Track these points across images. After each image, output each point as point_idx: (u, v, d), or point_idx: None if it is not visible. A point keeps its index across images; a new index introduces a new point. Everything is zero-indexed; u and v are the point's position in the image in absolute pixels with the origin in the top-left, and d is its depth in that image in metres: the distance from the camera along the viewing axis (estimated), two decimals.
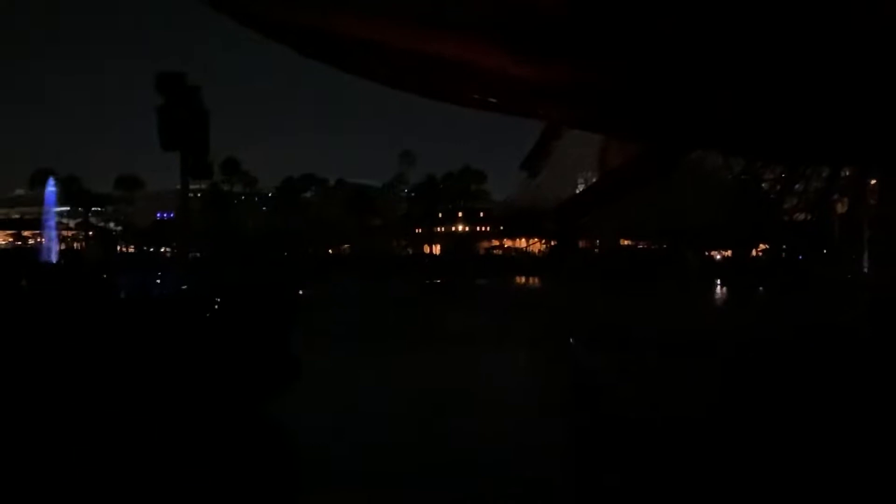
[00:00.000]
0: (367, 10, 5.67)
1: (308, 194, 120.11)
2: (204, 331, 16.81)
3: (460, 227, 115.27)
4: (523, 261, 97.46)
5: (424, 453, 13.93)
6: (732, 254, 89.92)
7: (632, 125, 7.53)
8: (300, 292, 20.55)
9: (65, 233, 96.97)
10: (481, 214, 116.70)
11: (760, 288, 60.48)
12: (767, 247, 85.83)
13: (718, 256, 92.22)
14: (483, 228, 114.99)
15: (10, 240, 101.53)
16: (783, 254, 75.17)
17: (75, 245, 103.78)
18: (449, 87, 7.59)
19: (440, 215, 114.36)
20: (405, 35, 5.87)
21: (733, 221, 77.35)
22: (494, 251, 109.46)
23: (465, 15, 5.42)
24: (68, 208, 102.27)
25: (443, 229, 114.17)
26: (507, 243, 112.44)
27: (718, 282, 69.63)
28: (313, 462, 13.93)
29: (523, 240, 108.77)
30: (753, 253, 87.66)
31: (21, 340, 14.92)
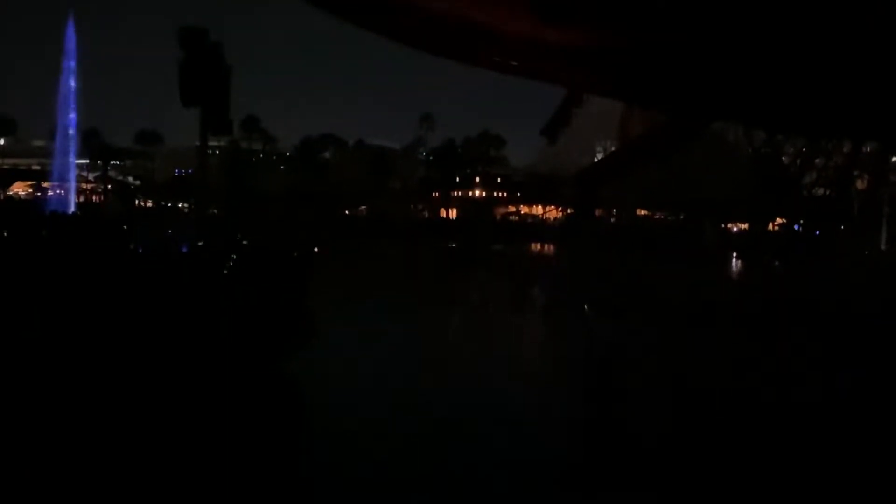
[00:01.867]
0: None
1: (327, 154, 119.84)
2: (220, 287, 16.92)
3: (478, 193, 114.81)
4: (540, 227, 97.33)
5: (425, 420, 14.03)
6: (749, 227, 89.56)
7: (654, 93, 7.52)
8: (315, 251, 20.57)
9: (84, 186, 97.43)
10: (499, 180, 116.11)
11: (776, 262, 60.40)
12: (785, 221, 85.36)
13: (735, 229, 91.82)
14: (500, 194, 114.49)
15: (30, 191, 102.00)
16: (800, 228, 74.66)
17: (94, 198, 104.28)
18: (472, 48, 7.59)
19: (458, 180, 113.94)
20: None
21: (752, 194, 77.05)
22: (511, 217, 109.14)
23: None
24: (88, 161, 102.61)
25: (460, 194, 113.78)
26: (525, 210, 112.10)
27: (734, 254, 69.43)
28: (323, 417, 14.11)
29: (540, 207, 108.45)
30: (770, 227, 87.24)
31: (43, 289, 15.09)
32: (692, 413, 15.14)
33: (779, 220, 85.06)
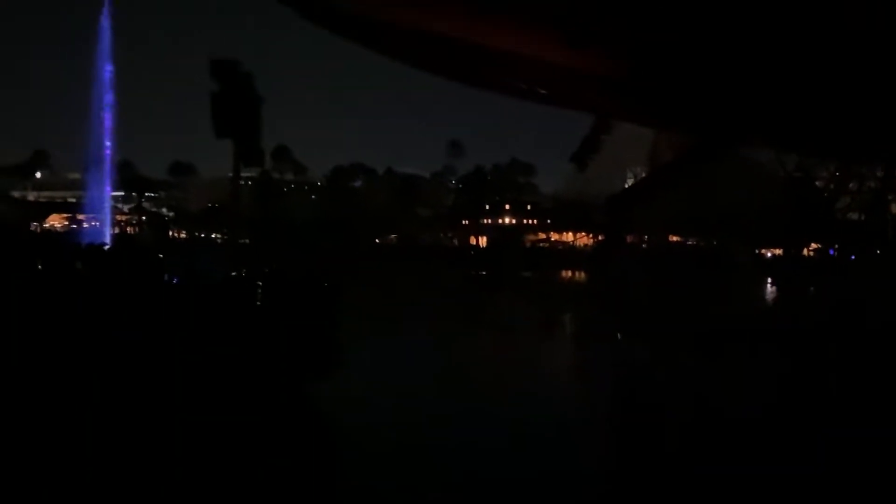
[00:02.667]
0: (424, 4, 5.74)
1: (357, 183, 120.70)
2: (250, 317, 17.04)
3: (507, 220, 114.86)
4: (570, 254, 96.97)
5: (454, 450, 13.98)
6: (783, 252, 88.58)
7: (684, 118, 7.50)
8: (345, 280, 20.68)
9: (118, 217, 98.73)
10: (529, 207, 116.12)
11: (811, 287, 59.60)
12: (819, 246, 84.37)
13: (769, 254, 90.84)
14: (530, 221, 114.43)
15: (66, 223, 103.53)
16: (835, 253, 73.72)
17: (129, 230, 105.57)
18: (500, 77, 7.63)
19: (487, 207, 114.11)
20: (460, 25, 5.93)
21: (785, 219, 76.31)
22: (541, 244, 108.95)
23: (521, 5, 5.46)
24: (122, 193, 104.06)
25: (490, 221, 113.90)
26: (555, 237, 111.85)
27: (769, 280, 68.64)
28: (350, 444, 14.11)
29: (571, 233, 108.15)
30: (805, 251, 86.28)
31: (78, 319, 15.27)
32: (732, 452, 14.90)
33: (813, 245, 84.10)
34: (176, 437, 13.21)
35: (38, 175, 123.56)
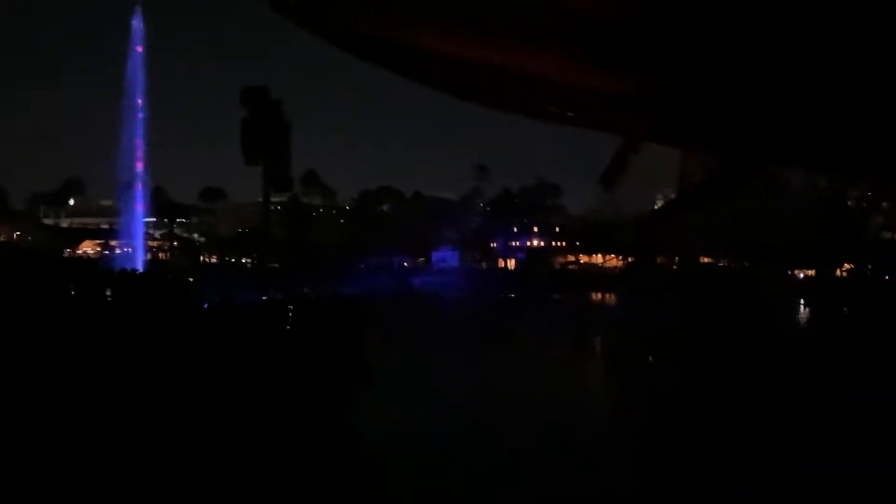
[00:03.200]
0: (448, 25, 5.77)
1: (385, 207, 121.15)
2: (281, 340, 17.14)
3: (536, 242, 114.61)
4: (600, 276, 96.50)
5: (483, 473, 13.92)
6: (816, 273, 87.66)
7: (712, 139, 7.46)
8: (374, 305, 20.76)
9: (150, 243, 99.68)
10: (557, 229, 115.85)
11: (845, 308, 58.85)
12: (852, 266, 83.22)
13: (801, 275, 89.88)
14: (559, 243, 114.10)
15: (98, 249, 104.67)
16: (869, 273, 72.80)
17: (160, 255, 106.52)
18: (526, 100, 7.64)
19: (515, 229, 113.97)
20: (484, 48, 5.95)
21: (817, 239, 75.53)
22: (570, 266, 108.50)
23: (547, 28, 5.47)
24: (154, 219, 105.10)
25: (518, 244, 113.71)
26: (584, 258, 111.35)
27: (801, 301, 67.89)
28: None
29: (600, 255, 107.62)
30: (838, 272, 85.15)
31: (114, 342, 15.44)
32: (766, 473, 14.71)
33: (846, 266, 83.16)
34: (205, 455, 13.29)
35: (72, 202, 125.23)
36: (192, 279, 22.63)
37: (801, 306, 65.86)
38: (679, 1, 4.96)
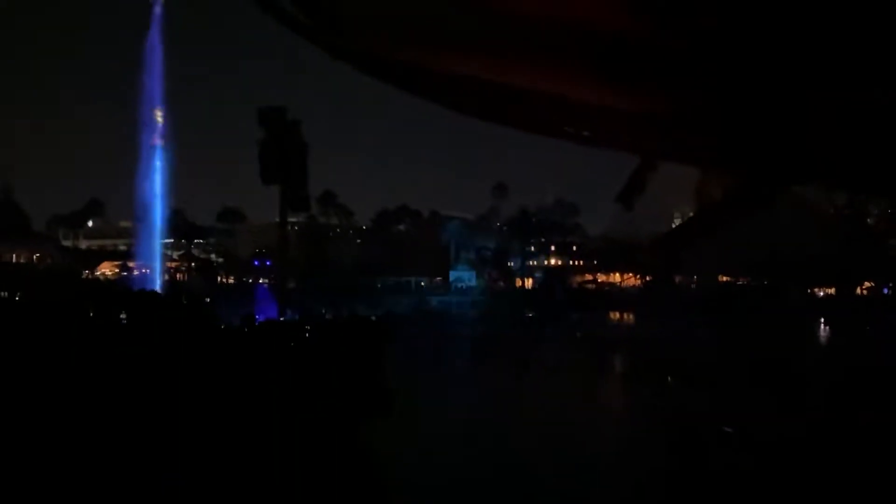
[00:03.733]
0: (464, 47, 5.72)
1: (402, 227, 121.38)
2: (299, 361, 17.08)
3: (553, 261, 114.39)
4: (618, 295, 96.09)
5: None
6: (836, 291, 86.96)
7: (729, 158, 7.38)
8: (392, 325, 20.71)
9: (168, 264, 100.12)
10: (575, 248, 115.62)
11: (867, 327, 58.27)
12: (872, 284, 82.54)
13: (821, 293, 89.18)
14: (577, 262, 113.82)
15: (117, 270, 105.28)
16: (889, 291, 72.17)
17: (178, 276, 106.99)
18: (542, 120, 7.59)
19: (533, 248, 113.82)
20: (500, 68, 5.90)
21: (837, 257, 75.04)
22: (588, 285, 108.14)
23: (562, 48, 5.42)
24: (172, 240, 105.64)
25: (535, 263, 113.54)
26: (601, 277, 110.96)
27: (822, 320, 67.31)
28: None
29: (618, 274, 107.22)
30: (858, 290, 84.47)
31: (132, 362, 15.42)
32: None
33: (866, 284, 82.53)
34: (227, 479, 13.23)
35: (91, 224, 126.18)
36: (208, 300, 22.66)
37: (822, 325, 65.31)
38: (700, 17, 4.89)
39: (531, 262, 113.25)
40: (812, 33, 4.76)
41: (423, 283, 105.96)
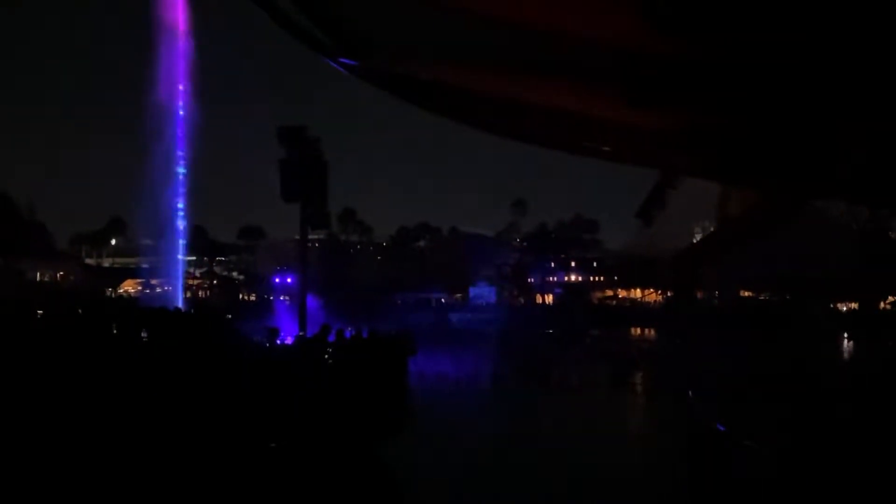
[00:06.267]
0: (484, 64, 5.75)
1: (421, 243, 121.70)
2: (319, 378, 17.11)
3: (573, 277, 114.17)
4: (639, 311, 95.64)
5: None
6: (859, 306, 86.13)
7: (751, 174, 7.35)
8: (413, 342, 20.69)
9: (190, 281, 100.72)
10: (594, 264, 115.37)
11: (890, 343, 57.64)
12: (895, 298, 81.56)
13: (844, 308, 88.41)
14: (597, 278, 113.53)
15: (139, 288, 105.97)
16: None
17: (200, 294, 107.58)
18: (562, 136, 7.59)
19: (552, 265, 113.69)
20: (519, 86, 5.92)
21: (859, 272, 74.38)
22: (608, 301, 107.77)
23: (584, 65, 5.43)
24: (194, 258, 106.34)
25: (555, 279, 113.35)
26: (622, 293, 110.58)
27: (845, 335, 66.70)
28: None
29: (638, 290, 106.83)
30: (882, 305, 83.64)
31: (156, 380, 15.47)
32: None
33: (890, 298, 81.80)
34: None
35: (114, 242, 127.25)
36: (230, 316, 22.77)
37: (846, 339, 64.71)
38: (726, 36, 4.88)
39: (551, 278, 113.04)
40: (839, 65, 4.75)
41: (442, 300, 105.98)
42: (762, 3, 4.66)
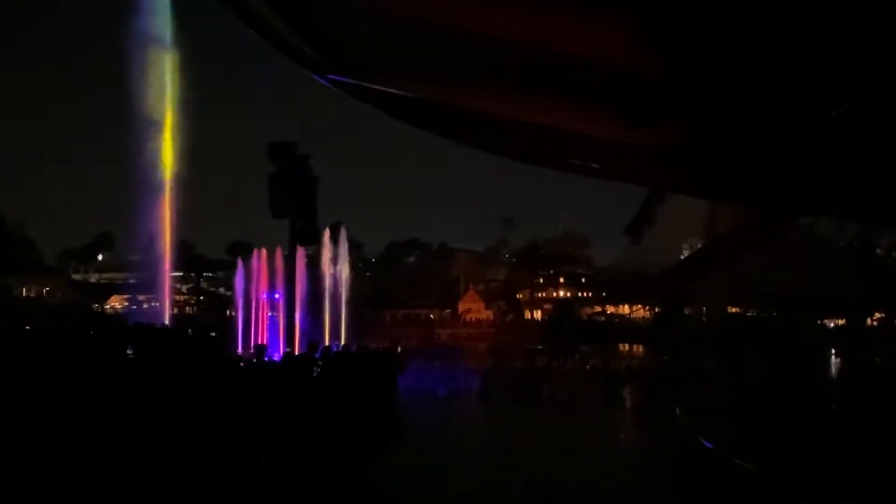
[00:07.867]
0: (475, 84, 5.76)
1: (411, 259, 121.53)
2: (307, 393, 17.03)
3: (562, 293, 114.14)
4: (627, 327, 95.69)
5: None
6: (846, 322, 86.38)
7: (741, 191, 7.37)
8: (401, 358, 20.65)
9: (177, 297, 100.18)
10: (583, 280, 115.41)
11: (877, 359, 57.82)
12: (883, 315, 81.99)
13: (832, 324, 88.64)
14: (585, 294, 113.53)
15: (126, 304, 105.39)
16: None
17: (187, 310, 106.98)
18: (551, 153, 7.61)
19: (541, 280, 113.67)
20: (511, 104, 5.93)
21: (847, 288, 74.61)
22: (597, 317, 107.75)
23: (573, 83, 5.45)
24: (181, 273, 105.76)
25: (544, 295, 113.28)
26: (611, 309, 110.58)
27: (833, 351, 66.85)
28: None
29: (627, 306, 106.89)
30: (868, 321, 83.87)
31: (147, 394, 15.39)
32: None
33: (877, 315, 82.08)
34: None
35: (100, 257, 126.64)
36: (216, 333, 22.67)
37: (832, 355, 64.85)
38: (718, 60, 4.90)
39: (540, 294, 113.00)
40: (828, 85, 4.78)
41: (431, 316, 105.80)
42: (748, 27, 4.69)
